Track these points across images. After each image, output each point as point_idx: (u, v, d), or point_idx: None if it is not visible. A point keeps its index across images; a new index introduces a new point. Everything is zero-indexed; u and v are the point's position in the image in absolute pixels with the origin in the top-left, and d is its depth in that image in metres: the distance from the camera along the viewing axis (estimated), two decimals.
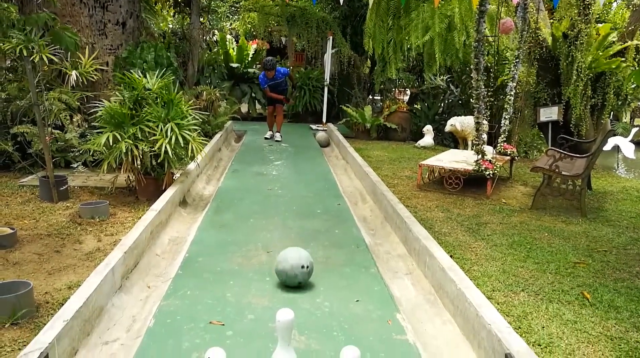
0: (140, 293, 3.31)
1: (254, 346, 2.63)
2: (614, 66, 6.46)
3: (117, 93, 5.45)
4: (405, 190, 6.30)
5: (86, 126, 6.44)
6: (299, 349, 2.61)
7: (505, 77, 7.71)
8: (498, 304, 3.30)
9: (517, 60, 6.73)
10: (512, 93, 6.90)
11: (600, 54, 6.55)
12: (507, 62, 8.86)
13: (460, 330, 2.86)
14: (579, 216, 5.53)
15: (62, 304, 2.69)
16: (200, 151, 5.42)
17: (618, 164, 9.91)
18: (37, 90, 5.14)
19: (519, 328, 3.06)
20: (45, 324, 2.50)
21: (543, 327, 3.13)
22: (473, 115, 6.47)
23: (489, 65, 7.18)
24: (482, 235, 4.77)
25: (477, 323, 2.65)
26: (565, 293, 3.62)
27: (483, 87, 6.11)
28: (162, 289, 3.34)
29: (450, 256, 3.53)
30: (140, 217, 4.37)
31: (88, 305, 2.75)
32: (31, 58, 5.05)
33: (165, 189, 5.13)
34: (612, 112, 7.37)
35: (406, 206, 4.96)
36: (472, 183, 6.41)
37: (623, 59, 6.52)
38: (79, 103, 6.42)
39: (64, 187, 5.28)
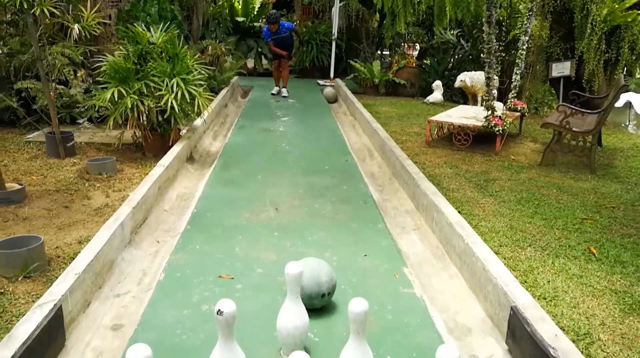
0: (150, 248, 3.34)
1: (262, 299, 2.67)
2: (629, 19, 6.26)
3: (120, 47, 5.36)
4: (413, 146, 6.25)
5: (90, 81, 6.37)
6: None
7: (518, 31, 7.51)
8: (505, 259, 3.31)
9: (530, 13, 6.54)
10: (524, 47, 6.73)
11: (616, 6, 6.34)
12: (519, 15, 8.59)
13: (467, 284, 2.89)
14: (588, 172, 5.49)
15: (73, 258, 2.73)
16: (207, 106, 5.37)
17: (629, 120, 9.76)
18: (40, 44, 5.06)
19: (525, 282, 3.08)
20: (57, 277, 2.53)
21: (549, 281, 3.15)
22: (483, 70, 6.34)
23: (501, 18, 6.98)
24: (490, 191, 4.76)
25: (483, 277, 2.66)
26: (571, 248, 3.62)
27: (494, 41, 5.96)
28: (171, 244, 3.38)
29: (458, 212, 3.52)
30: (147, 173, 4.38)
31: (99, 258, 2.79)
32: (32, 11, 4.95)
33: (172, 146, 5.12)
34: (625, 68, 7.19)
35: (414, 162, 4.93)
36: (481, 139, 6.35)
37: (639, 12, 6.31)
38: (82, 58, 6.33)
39: (71, 143, 5.28)
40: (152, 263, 3.14)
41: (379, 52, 13.34)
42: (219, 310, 1.73)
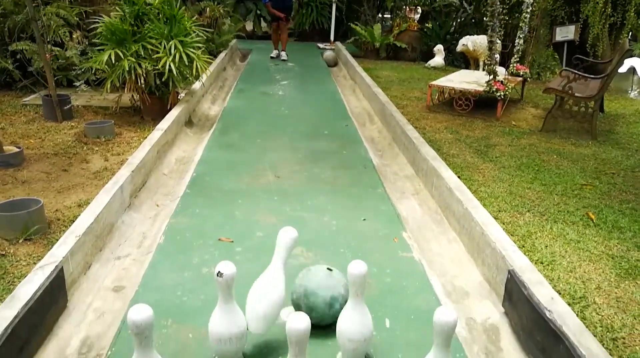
0: (149, 211, 3.35)
1: (262, 262, 2.68)
2: None
3: (117, 8, 5.24)
4: (414, 111, 6.20)
5: (86, 43, 6.26)
6: (307, 265, 2.66)
7: None
8: (503, 224, 3.33)
9: None
10: (528, 11, 6.60)
11: None
12: None
13: (465, 249, 2.91)
14: (589, 138, 5.46)
15: (73, 221, 2.73)
16: (205, 69, 5.29)
17: (632, 86, 9.67)
18: (34, 4, 4.95)
19: (523, 247, 3.10)
20: (57, 240, 2.54)
21: (546, 246, 3.17)
22: (486, 34, 6.23)
23: None
24: (490, 156, 4.74)
25: (482, 242, 2.68)
26: (570, 214, 3.64)
27: (498, 3, 5.83)
28: (170, 207, 3.38)
29: (458, 177, 3.52)
30: (146, 137, 4.35)
31: (99, 221, 2.80)
32: None
33: (170, 109, 5.07)
34: (630, 32, 7.07)
35: (415, 127, 4.89)
36: (482, 104, 6.29)
37: None
38: (77, 19, 6.20)
39: (68, 106, 5.22)
40: (152, 226, 3.15)
41: (380, 15, 13.08)
42: (219, 271, 1.74)
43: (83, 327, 2.19)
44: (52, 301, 2.16)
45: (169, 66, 4.84)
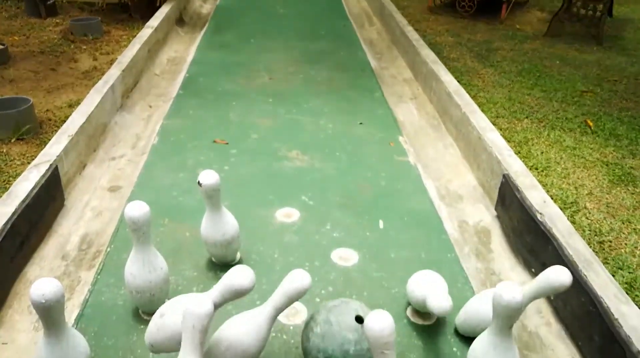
0: (142, 113, 3.29)
1: (257, 164, 2.69)
2: None
3: None
4: (415, 12, 5.95)
5: None
6: (302, 168, 2.67)
7: None
8: (501, 130, 3.31)
9: None
10: None
11: None
12: None
13: (461, 154, 2.90)
14: (594, 44, 5.31)
15: (65, 121, 2.68)
16: None
17: None
18: None
19: (519, 153, 3.11)
20: (50, 139, 2.50)
21: (542, 152, 3.18)
22: None
23: None
24: (491, 61, 4.62)
25: (478, 147, 2.67)
26: (568, 121, 3.61)
27: None
28: (164, 108, 3.32)
29: (457, 82, 3.44)
30: (135, 35, 4.17)
31: (91, 121, 2.74)
32: None
33: (160, 6, 4.82)
34: None
35: (415, 29, 4.70)
36: (486, 6, 6.03)
37: None
38: None
39: (51, 1, 4.96)
40: (146, 127, 3.11)
41: None
42: (199, 181, 1.72)
43: (82, 225, 2.21)
44: (49, 198, 2.17)
45: None
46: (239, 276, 1.32)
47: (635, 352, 1.41)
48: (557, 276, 1.38)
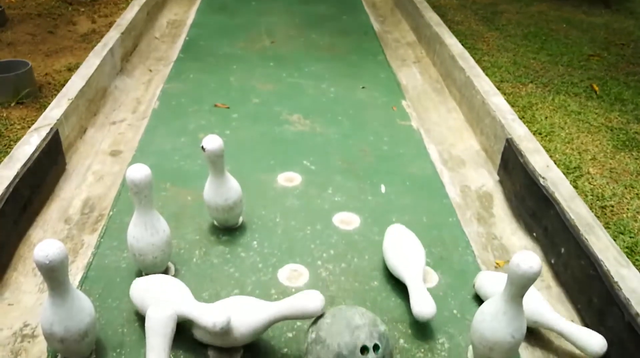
0: (142, 77, 3.25)
1: (259, 128, 2.67)
2: None
3: None
4: None
5: None
6: (304, 132, 2.65)
7: None
8: (505, 95, 3.26)
9: None
10: None
11: None
12: None
13: (464, 118, 2.88)
14: (602, 7, 5.19)
15: (64, 85, 2.65)
16: None
17: None
18: None
19: (523, 118, 3.07)
20: (50, 103, 2.48)
21: (546, 117, 3.15)
22: None
23: None
24: (496, 24, 4.54)
25: (482, 111, 2.64)
26: (574, 85, 3.56)
27: None
28: (164, 72, 3.28)
29: (462, 46, 3.38)
30: None
31: (90, 85, 2.72)
32: None
33: None
34: None
35: None
36: None
37: None
38: None
39: None
40: (146, 91, 3.08)
41: None
42: (202, 146, 1.71)
43: (84, 189, 2.22)
44: (50, 162, 2.17)
45: None
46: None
47: (633, 313, 1.43)
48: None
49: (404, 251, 1.73)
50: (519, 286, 1.30)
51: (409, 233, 1.82)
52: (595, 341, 1.47)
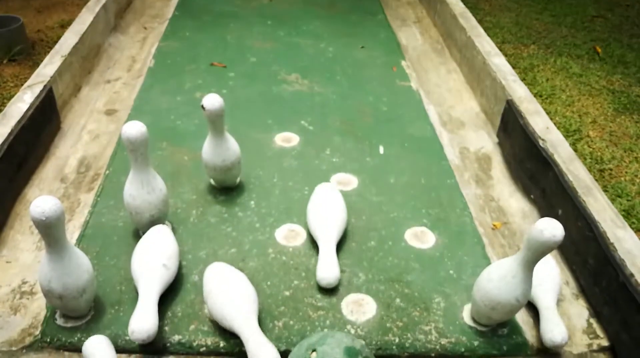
0: (137, 34, 3.18)
1: (256, 88, 2.63)
2: None
3: None
4: None
5: None
6: (302, 91, 2.61)
7: None
8: (506, 56, 3.21)
9: None
10: None
11: None
12: None
13: (465, 79, 2.84)
14: None
15: (57, 42, 2.59)
16: None
17: None
18: None
19: (524, 79, 3.04)
20: (43, 60, 2.43)
21: (547, 80, 3.11)
22: None
23: None
24: None
25: (482, 72, 2.60)
26: (576, 47, 3.51)
27: None
28: (159, 30, 3.21)
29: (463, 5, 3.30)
30: None
31: (84, 42, 2.66)
32: None
33: None
34: None
35: None
36: None
37: None
38: None
39: None
40: (141, 49, 3.02)
41: None
42: (202, 105, 1.68)
43: (79, 148, 2.20)
44: (45, 120, 2.14)
45: None
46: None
47: (628, 274, 1.44)
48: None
49: (324, 213, 1.70)
50: (537, 253, 1.28)
51: (335, 195, 1.77)
52: (557, 332, 1.41)
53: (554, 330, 1.42)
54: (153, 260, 1.47)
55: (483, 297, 1.40)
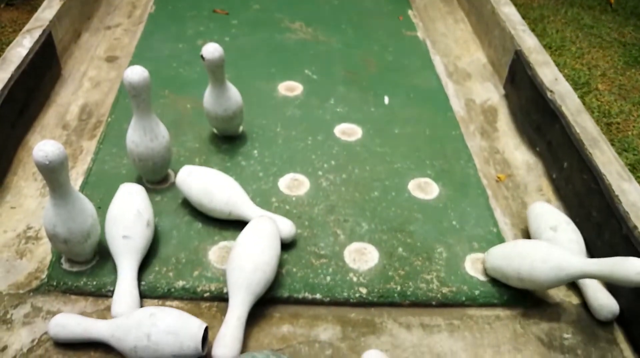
0: None
1: (259, 35, 2.57)
2: None
3: None
4: None
5: None
6: (306, 40, 2.56)
7: None
8: (516, 6, 3.12)
9: None
10: None
11: None
12: None
13: (472, 29, 2.77)
14: None
15: None
16: None
17: None
18: None
19: (534, 30, 2.95)
20: (41, 5, 2.37)
21: (557, 31, 3.03)
22: None
23: None
24: None
25: (491, 22, 2.53)
26: None
27: None
28: None
29: None
30: None
31: None
32: None
33: None
34: None
35: None
36: None
37: None
38: None
39: None
40: None
41: None
42: (201, 55, 1.63)
43: (80, 95, 2.17)
44: (45, 66, 2.10)
45: None
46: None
47: (631, 226, 1.44)
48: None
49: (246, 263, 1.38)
50: (612, 281, 1.26)
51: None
52: (607, 305, 1.40)
53: (611, 303, 1.40)
54: (113, 232, 1.42)
55: (524, 271, 1.36)
